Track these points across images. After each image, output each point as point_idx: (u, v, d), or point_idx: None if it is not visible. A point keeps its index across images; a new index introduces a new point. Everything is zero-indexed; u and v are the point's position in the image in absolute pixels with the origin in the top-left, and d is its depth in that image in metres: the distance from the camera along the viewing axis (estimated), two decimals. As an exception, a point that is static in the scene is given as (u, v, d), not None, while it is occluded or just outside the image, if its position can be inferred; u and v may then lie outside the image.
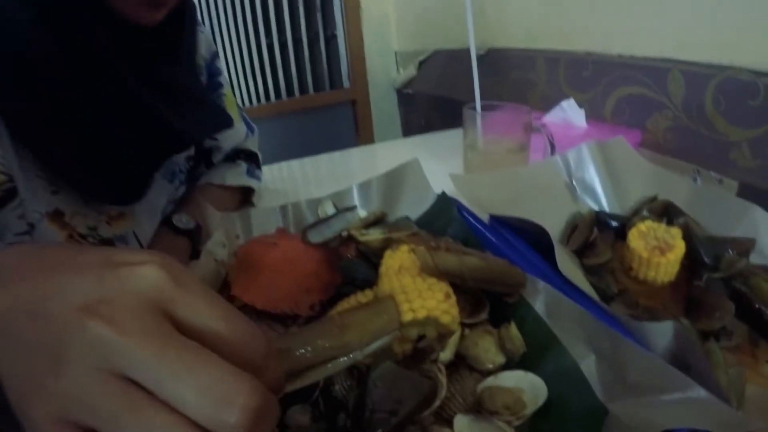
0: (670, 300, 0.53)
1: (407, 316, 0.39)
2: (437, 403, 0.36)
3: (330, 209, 0.68)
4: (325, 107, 1.96)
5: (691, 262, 0.56)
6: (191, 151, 0.73)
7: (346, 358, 0.30)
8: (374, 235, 0.53)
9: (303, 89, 1.95)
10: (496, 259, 0.47)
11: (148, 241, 0.62)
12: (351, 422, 0.36)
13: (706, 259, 0.55)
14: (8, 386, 0.21)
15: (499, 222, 0.59)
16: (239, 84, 1.85)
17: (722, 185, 0.76)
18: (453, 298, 0.41)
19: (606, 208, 0.68)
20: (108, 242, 0.55)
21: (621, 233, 0.62)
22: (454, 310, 0.40)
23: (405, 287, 0.41)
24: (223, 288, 0.53)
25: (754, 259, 0.55)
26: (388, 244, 0.50)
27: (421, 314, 0.39)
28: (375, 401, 0.33)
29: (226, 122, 0.73)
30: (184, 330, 0.21)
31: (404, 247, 0.47)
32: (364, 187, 0.71)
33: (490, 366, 0.40)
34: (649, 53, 0.89)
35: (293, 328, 0.47)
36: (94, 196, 0.53)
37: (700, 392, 0.33)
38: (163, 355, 0.19)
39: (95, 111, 0.50)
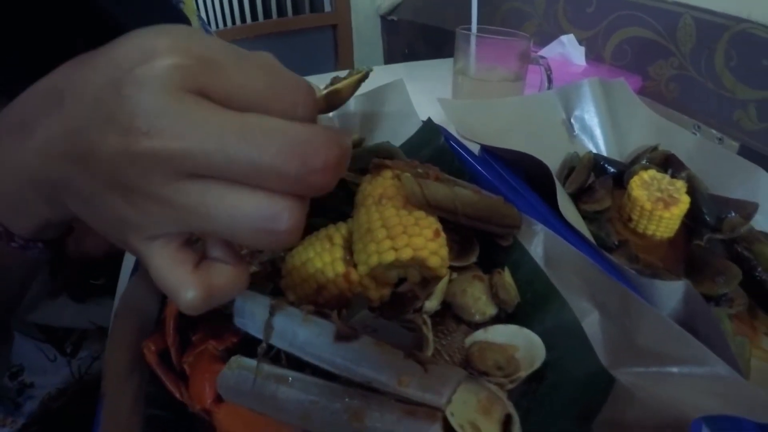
0: (667, 258, 0.49)
1: (389, 256, 0.32)
2: None
3: (300, 128, 0.59)
4: (304, 31, 1.80)
5: (692, 220, 0.51)
6: None
7: None
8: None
9: (281, 11, 1.76)
10: (489, 195, 0.40)
11: None
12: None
13: (708, 218, 0.51)
14: (103, 232, 0.23)
15: (492, 155, 0.52)
16: (212, 2, 1.65)
17: (722, 144, 0.72)
18: (443, 237, 0.34)
19: (603, 151, 0.62)
20: None
21: (618, 181, 0.57)
22: (444, 252, 0.34)
23: (387, 220, 0.34)
24: None
25: (755, 224, 0.51)
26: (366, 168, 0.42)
27: (406, 254, 0.32)
28: None
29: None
30: (227, 104, 0.19)
31: (387, 173, 0.39)
32: (341, 107, 0.62)
33: (479, 318, 0.34)
34: (661, -7, 0.81)
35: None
36: None
37: (723, 369, 0.28)
38: (223, 141, 0.18)
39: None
